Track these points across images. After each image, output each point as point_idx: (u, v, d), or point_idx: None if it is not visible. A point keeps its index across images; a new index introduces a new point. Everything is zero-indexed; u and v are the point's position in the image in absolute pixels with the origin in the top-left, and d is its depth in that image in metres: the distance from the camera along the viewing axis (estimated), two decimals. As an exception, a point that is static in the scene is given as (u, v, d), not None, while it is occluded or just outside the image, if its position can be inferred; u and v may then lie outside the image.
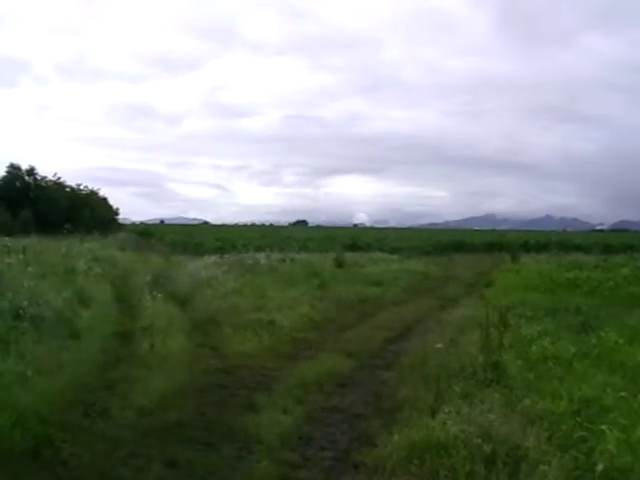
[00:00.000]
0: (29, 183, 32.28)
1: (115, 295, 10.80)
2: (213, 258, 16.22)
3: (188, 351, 7.08)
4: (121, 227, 39.30)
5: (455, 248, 31.49)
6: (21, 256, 9.66)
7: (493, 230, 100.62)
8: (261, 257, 16.35)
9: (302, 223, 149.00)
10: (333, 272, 14.58)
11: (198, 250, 23.00)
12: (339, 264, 16.31)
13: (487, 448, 3.48)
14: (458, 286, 15.51)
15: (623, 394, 4.16)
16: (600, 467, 3.20)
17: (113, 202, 39.78)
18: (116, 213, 40.18)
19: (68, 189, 34.23)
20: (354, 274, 14.84)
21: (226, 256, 16.70)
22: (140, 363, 6.30)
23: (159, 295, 9.49)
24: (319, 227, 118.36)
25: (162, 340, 7.13)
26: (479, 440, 3.53)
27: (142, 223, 72.16)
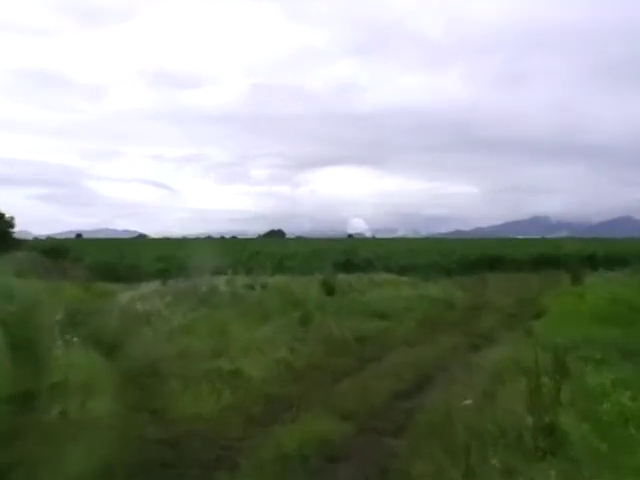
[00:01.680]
0: None
1: (10, 342, 10.58)
2: (153, 285, 16.15)
3: (117, 416, 6.98)
4: (19, 244, 38.51)
5: (490, 265, 31.73)
6: None
7: (543, 239, 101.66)
8: (221, 282, 16.29)
9: (277, 234, 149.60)
10: (321, 301, 14.64)
11: (132, 275, 22.92)
12: (329, 290, 16.39)
13: None
14: (494, 318, 15.59)
15: None
16: None
17: (5, 209, 38.84)
18: (10, 224, 39.07)
19: None
20: (350, 303, 14.91)
21: (171, 282, 16.65)
22: (47, 436, 6.18)
23: (75, 339, 9.38)
24: (301, 239, 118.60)
25: (80, 403, 7.02)
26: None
27: (50, 238, 71.62)
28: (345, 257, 31.02)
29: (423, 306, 16.36)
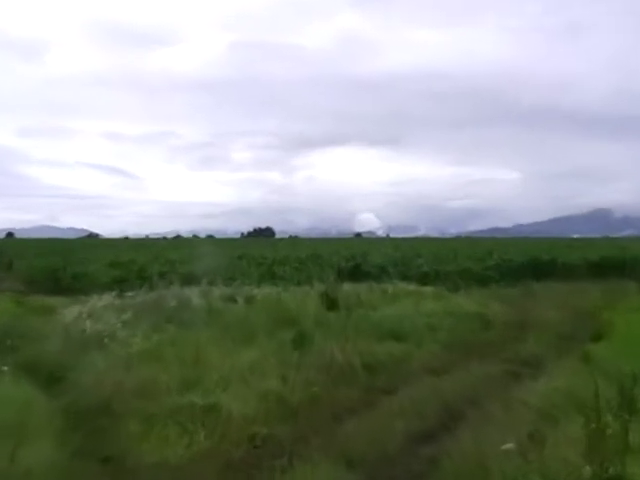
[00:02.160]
0: None
1: None
2: (107, 298, 16.12)
3: (59, 467, 6.93)
4: None
5: (536, 271, 31.58)
6: None
7: (606, 238, 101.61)
8: (194, 294, 16.32)
9: (266, 233, 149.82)
10: (320, 318, 14.63)
11: (79, 285, 22.87)
12: (331, 304, 16.40)
13: None
14: (542, 339, 15.48)
15: None
16: None
17: None
18: None
19: None
20: (357, 321, 14.82)
21: (130, 294, 16.67)
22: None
23: (5, 368, 9.36)
24: (295, 239, 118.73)
25: (9, 450, 6.96)
26: None
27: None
28: (352, 262, 30.93)
29: (450, 324, 16.25)
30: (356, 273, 27.87)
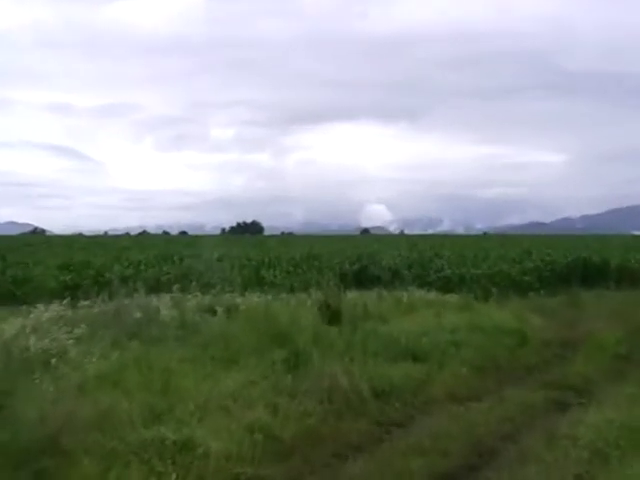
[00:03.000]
0: None
1: None
2: (56, 308, 16.00)
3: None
4: None
5: (586, 276, 31.60)
6: None
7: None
8: (163, 304, 16.24)
9: (252, 229, 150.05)
10: (319, 333, 14.62)
11: (21, 292, 22.80)
12: (332, 316, 16.45)
13: None
14: (593, 359, 15.50)
15: None
16: None
17: None
18: None
19: None
20: (365, 337, 14.86)
21: (85, 303, 16.59)
22: None
23: None
24: (288, 236, 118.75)
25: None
26: None
27: None
28: (357, 264, 30.98)
29: (479, 341, 16.27)
30: (363, 278, 27.94)
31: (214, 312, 16.34)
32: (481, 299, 23.29)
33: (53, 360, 11.43)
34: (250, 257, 35.52)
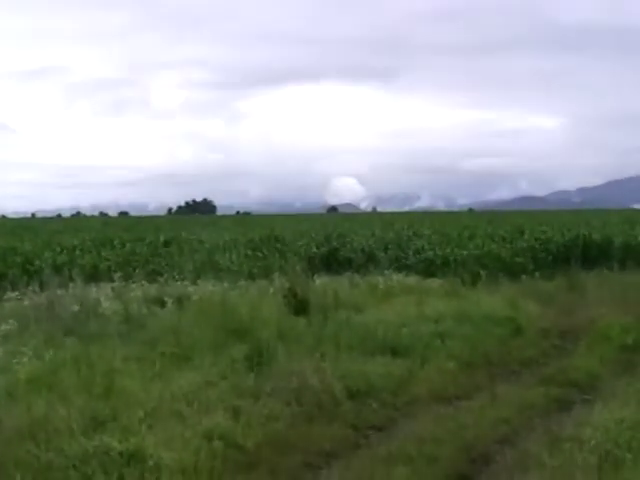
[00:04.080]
0: None
1: None
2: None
3: None
4: None
5: (584, 257, 31.74)
6: None
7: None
8: (103, 295, 16.17)
9: (203, 208, 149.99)
10: (285, 326, 14.74)
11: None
12: (299, 305, 16.55)
13: None
14: (596, 351, 15.60)
15: None
16: None
17: None
18: None
19: None
20: (337, 328, 14.95)
21: (13, 295, 16.50)
22: None
23: None
24: (245, 216, 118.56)
25: None
26: None
27: None
28: (326, 246, 31.00)
29: (467, 332, 16.33)
30: (332, 262, 28.03)
31: (162, 303, 16.34)
32: (468, 284, 23.37)
33: None
34: (202, 240, 35.35)
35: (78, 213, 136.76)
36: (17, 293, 16.80)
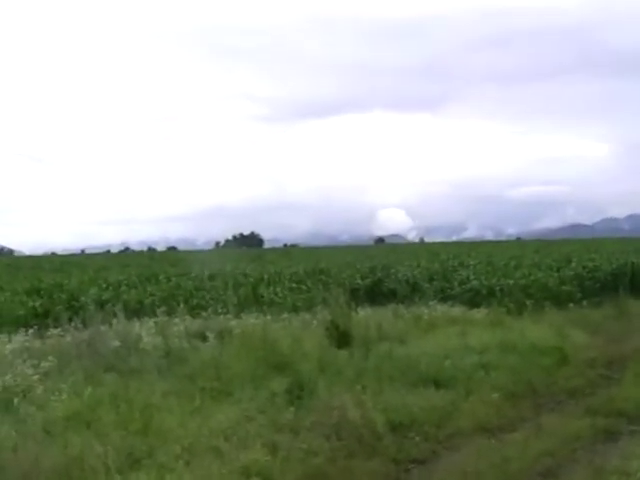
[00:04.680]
0: None
1: None
2: (21, 339, 16.03)
3: None
4: None
5: (635, 284, 31.44)
6: None
7: None
8: (145, 330, 16.17)
9: (250, 241, 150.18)
10: (326, 359, 14.68)
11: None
12: (341, 338, 16.47)
13: None
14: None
15: None
16: None
17: None
18: None
19: None
20: (379, 361, 14.90)
21: (56, 332, 16.56)
22: None
23: None
24: (292, 249, 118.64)
25: None
26: None
27: None
28: (370, 278, 30.90)
29: (512, 362, 16.17)
30: (376, 293, 27.92)
31: (204, 338, 16.31)
32: (514, 313, 23.16)
33: (15, 399, 11.39)
34: (247, 273, 35.44)
35: (127, 249, 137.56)
36: (59, 329, 16.85)
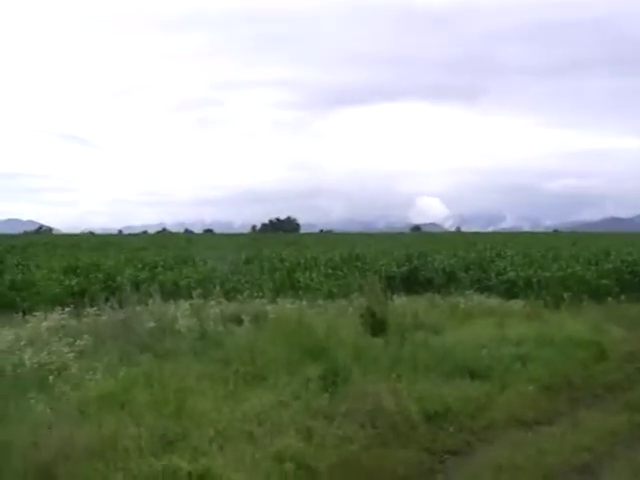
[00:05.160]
0: None
1: None
2: (57, 317, 16.05)
3: None
4: None
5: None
6: None
7: None
8: (181, 312, 16.19)
9: (286, 226, 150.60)
10: (361, 346, 14.64)
11: (19, 298, 22.87)
12: (377, 326, 16.43)
13: None
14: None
15: None
16: None
17: None
18: None
19: None
20: (414, 349, 14.80)
21: (92, 311, 16.60)
22: None
23: None
24: (328, 234, 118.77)
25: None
26: None
27: None
28: (406, 266, 30.92)
29: (549, 355, 16.09)
30: (413, 282, 27.91)
31: (240, 321, 16.31)
32: (551, 306, 23.03)
33: (51, 377, 11.45)
34: (283, 258, 35.51)
35: (164, 230, 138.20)
36: (96, 309, 16.89)
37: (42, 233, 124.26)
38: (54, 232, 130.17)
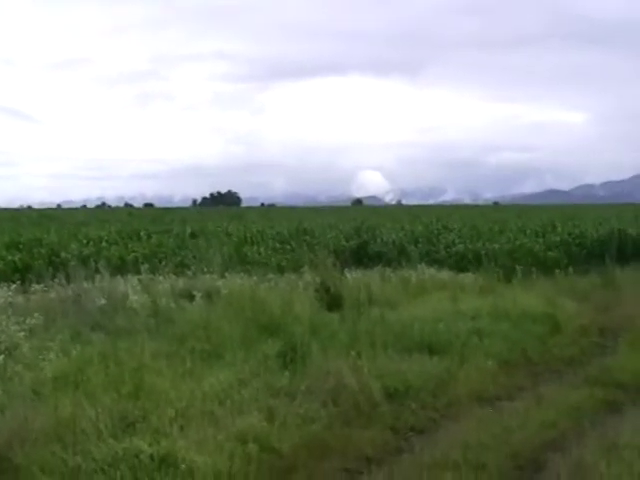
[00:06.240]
0: None
1: None
2: (2, 294, 16.00)
3: None
4: None
5: (620, 251, 31.50)
6: None
7: None
8: (130, 288, 16.07)
9: (227, 200, 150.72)
10: (318, 321, 14.65)
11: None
12: (332, 301, 16.50)
13: None
14: (638, 350, 15.31)
15: None
16: None
17: None
18: None
19: None
20: (371, 325, 14.82)
21: (38, 288, 16.47)
22: None
23: None
24: (270, 208, 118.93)
25: None
26: None
27: None
28: (356, 240, 31.00)
29: (505, 329, 16.14)
30: (362, 255, 27.89)
31: (191, 297, 16.31)
32: (502, 279, 23.09)
33: (1, 357, 11.32)
34: (229, 232, 35.46)
35: (103, 204, 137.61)
36: (43, 285, 16.75)
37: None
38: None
